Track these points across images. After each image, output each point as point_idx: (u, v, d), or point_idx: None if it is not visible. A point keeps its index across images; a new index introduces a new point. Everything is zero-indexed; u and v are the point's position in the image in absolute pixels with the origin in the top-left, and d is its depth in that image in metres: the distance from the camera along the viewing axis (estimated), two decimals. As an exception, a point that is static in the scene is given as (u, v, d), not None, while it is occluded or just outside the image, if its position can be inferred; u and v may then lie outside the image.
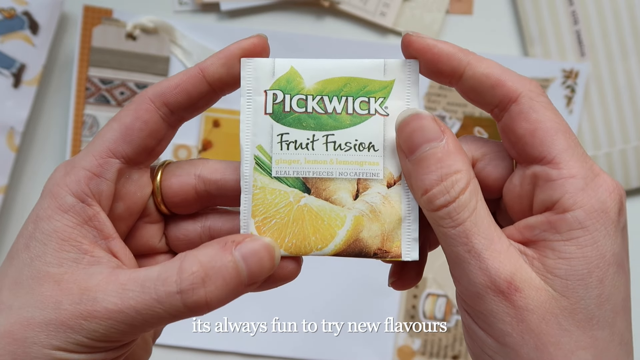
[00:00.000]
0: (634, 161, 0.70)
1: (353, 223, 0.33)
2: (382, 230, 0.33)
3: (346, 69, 0.33)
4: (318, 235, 0.33)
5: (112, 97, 0.69)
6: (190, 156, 0.70)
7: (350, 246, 0.33)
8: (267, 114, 0.33)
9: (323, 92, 0.33)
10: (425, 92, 0.71)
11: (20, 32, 0.67)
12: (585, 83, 0.69)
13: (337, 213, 0.33)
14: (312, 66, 0.33)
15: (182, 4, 0.71)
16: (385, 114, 0.33)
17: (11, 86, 0.67)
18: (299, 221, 0.33)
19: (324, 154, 0.33)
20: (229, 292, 0.31)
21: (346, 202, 0.33)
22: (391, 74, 0.33)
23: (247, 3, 0.70)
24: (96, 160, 0.32)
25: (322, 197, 0.33)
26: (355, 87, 0.33)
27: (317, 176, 0.33)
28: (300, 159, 0.33)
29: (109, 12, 0.68)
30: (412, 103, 0.33)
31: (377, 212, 0.33)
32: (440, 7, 0.70)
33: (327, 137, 0.33)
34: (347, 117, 0.33)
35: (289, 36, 0.70)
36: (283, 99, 0.33)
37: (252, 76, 0.33)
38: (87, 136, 0.68)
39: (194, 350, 0.73)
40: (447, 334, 0.71)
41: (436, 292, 0.71)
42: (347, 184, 0.33)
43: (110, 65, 0.68)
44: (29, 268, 0.31)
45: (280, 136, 0.33)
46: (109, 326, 0.30)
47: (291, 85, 0.33)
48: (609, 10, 0.69)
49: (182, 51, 0.69)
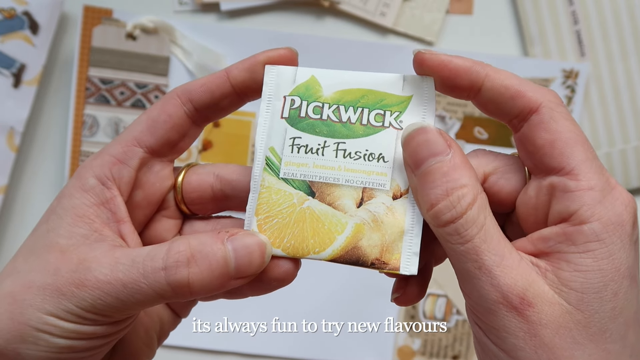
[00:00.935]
0: (634, 161, 0.70)
1: (353, 230, 0.33)
2: (382, 240, 0.33)
3: (365, 81, 0.34)
4: (317, 239, 0.33)
5: (112, 97, 0.69)
6: (191, 156, 0.71)
7: (348, 253, 0.33)
8: (283, 118, 0.34)
9: (340, 102, 0.34)
10: None
11: (20, 32, 0.67)
12: (585, 83, 0.69)
13: (339, 219, 0.33)
14: (332, 76, 0.34)
15: (182, 4, 0.71)
16: (399, 128, 0.33)
17: (11, 86, 0.67)
18: (299, 223, 0.33)
19: (333, 160, 0.33)
20: (213, 279, 0.32)
21: (349, 209, 0.33)
22: (409, 90, 0.34)
23: (247, 3, 0.70)
24: (121, 148, 0.34)
25: (326, 202, 0.33)
26: (372, 99, 0.34)
27: (323, 181, 0.34)
28: (309, 163, 0.34)
29: (109, 12, 0.68)
30: (427, 119, 0.33)
31: (379, 222, 0.33)
32: (440, 7, 0.70)
33: (338, 145, 0.34)
34: (361, 127, 0.33)
35: (289, 36, 0.70)
36: (300, 104, 0.34)
37: (273, 82, 0.34)
38: (87, 136, 0.68)
39: (194, 350, 0.73)
40: (447, 334, 0.71)
41: (436, 292, 0.71)
42: (352, 191, 0.33)
43: (110, 65, 0.68)
44: (43, 238, 0.33)
45: (293, 139, 0.34)
46: (97, 296, 0.31)
47: (309, 93, 0.34)
48: (609, 10, 0.69)
49: (182, 51, 0.69)
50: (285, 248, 0.33)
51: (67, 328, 0.31)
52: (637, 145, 0.70)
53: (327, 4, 0.70)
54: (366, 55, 0.70)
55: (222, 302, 0.74)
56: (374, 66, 0.70)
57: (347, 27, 0.72)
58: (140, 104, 0.69)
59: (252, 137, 0.70)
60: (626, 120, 0.70)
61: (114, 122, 0.69)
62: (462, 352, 0.70)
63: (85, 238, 0.33)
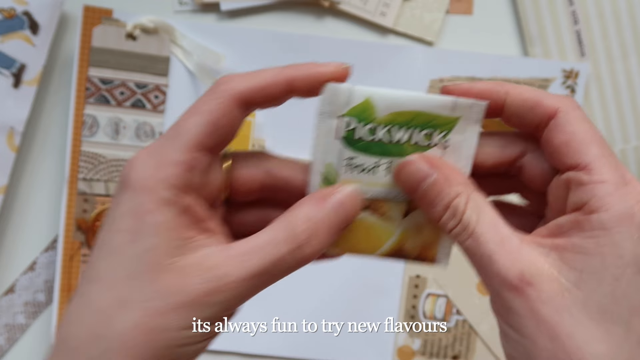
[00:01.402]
0: (634, 161, 0.70)
1: (399, 237, 0.38)
2: (422, 242, 0.38)
3: (417, 103, 0.36)
4: (367, 244, 0.38)
5: (112, 97, 0.69)
6: None
7: (393, 253, 0.38)
8: (339, 138, 0.37)
9: (392, 123, 0.36)
10: (425, 92, 0.70)
11: (20, 32, 0.67)
12: (585, 83, 0.69)
13: (388, 228, 0.38)
14: (387, 98, 0.36)
15: (182, 4, 0.71)
16: (445, 146, 0.37)
17: (11, 86, 0.67)
18: (353, 230, 0.37)
19: (384, 178, 0.37)
20: (331, 239, 0.35)
21: (396, 219, 0.38)
22: (459, 112, 0.36)
23: (247, 3, 0.70)
24: (186, 154, 0.34)
25: (377, 214, 0.38)
26: (423, 120, 0.36)
27: (374, 196, 0.37)
28: (363, 180, 0.37)
29: (109, 12, 0.68)
30: (469, 138, 0.37)
31: (421, 228, 0.38)
32: (440, 7, 0.70)
33: (389, 163, 0.37)
34: (410, 146, 0.37)
35: (289, 36, 0.70)
36: (355, 126, 0.36)
37: (329, 100, 0.36)
38: (87, 136, 0.68)
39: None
40: (447, 334, 0.71)
41: (436, 292, 0.71)
42: (399, 204, 0.37)
43: (110, 65, 0.68)
44: (141, 261, 0.33)
45: (348, 159, 0.37)
46: (231, 296, 0.33)
47: (364, 115, 0.36)
48: (609, 10, 0.69)
49: (182, 51, 0.69)
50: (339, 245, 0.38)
51: (204, 333, 0.33)
52: (637, 145, 0.70)
53: (327, 4, 0.70)
54: (366, 55, 0.70)
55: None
56: (374, 66, 0.70)
57: (347, 27, 0.72)
58: (140, 104, 0.69)
59: (252, 137, 0.70)
60: (626, 120, 0.70)
61: (114, 122, 0.69)
62: (462, 352, 0.70)
63: (186, 248, 0.34)
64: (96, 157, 0.69)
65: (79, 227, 0.70)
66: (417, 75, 0.70)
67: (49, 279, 0.72)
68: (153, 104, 0.70)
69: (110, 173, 0.70)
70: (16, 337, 0.73)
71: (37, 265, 0.73)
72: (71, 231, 0.69)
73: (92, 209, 0.70)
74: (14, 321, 0.72)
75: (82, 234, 0.70)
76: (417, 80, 0.70)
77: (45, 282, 0.72)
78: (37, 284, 0.72)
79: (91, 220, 0.70)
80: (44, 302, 0.72)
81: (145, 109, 0.70)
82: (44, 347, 0.73)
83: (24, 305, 0.72)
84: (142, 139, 0.70)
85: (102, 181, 0.70)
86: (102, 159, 0.69)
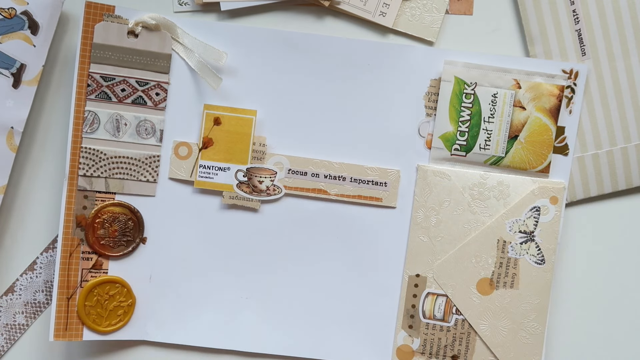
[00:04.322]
0: (636, 159, 0.71)
1: None
2: None
3: None
4: None
5: (114, 93, 0.69)
6: (191, 153, 0.71)
7: None
8: None
9: None
10: (425, 92, 0.71)
11: (20, 32, 0.68)
12: (584, 83, 0.70)
13: None
14: None
15: (183, 4, 0.71)
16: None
17: (11, 86, 0.67)
18: None
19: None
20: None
21: None
22: None
23: (247, 3, 0.70)
24: None
25: None
26: None
27: None
28: None
29: (111, 9, 0.68)
30: None
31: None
32: (440, 7, 0.71)
33: None
34: None
35: (290, 35, 0.70)
36: None
37: None
38: (87, 132, 0.69)
39: (193, 349, 0.73)
40: (447, 334, 0.71)
41: (436, 291, 0.71)
42: None
43: (112, 62, 0.68)
44: None
45: None
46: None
47: None
48: (610, 9, 0.70)
49: (183, 48, 0.69)
50: None
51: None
52: (638, 144, 0.70)
53: (327, 3, 0.70)
54: (366, 55, 0.70)
55: (222, 302, 0.74)
56: (374, 66, 0.71)
57: (347, 26, 0.72)
58: (142, 100, 0.70)
59: (252, 135, 0.70)
60: (627, 119, 0.71)
61: (115, 119, 0.69)
62: (462, 351, 0.71)
63: None
64: (97, 153, 0.69)
65: (78, 223, 0.70)
66: (417, 75, 0.71)
67: (48, 279, 0.72)
68: (154, 101, 0.70)
69: (110, 170, 0.70)
70: (16, 337, 0.73)
71: (37, 265, 0.73)
72: (70, 228, 0.69)
73: (92, 206, 0.70)
74: (14, 321, 0.73)
75: (82, 231, 0.70)
76: (417, 80, 0.71)
77: (45, 282, 0.72)
78: (37, 284, 0.73)
79: (91, 217, 0.70)
80: (44, 302, 0.73)
81: (147, 106, 0.70)
82: (44, 347, 0.73)
83: (23, 305, 0.73)
84: (143, 135, 0.70)
85: (103, 178, 0.70)
86: (103, 155, 0.69)
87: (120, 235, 0.71)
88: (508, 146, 0.70)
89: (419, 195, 0.71)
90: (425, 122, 0.71)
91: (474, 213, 0.71)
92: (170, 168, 0.71)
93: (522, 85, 0.70)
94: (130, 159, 0.70)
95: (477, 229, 0.70)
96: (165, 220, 0.72)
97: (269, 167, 0.71)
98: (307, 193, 0.72)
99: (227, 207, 0.72)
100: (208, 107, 0.71)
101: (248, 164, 0.71)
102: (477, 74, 0.70)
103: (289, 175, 0.72)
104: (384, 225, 0.72)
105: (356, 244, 0.72)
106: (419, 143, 0.72)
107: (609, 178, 0.71)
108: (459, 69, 0.70)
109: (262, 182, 0.71)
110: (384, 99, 0.71)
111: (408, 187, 0.72)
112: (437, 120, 0.71)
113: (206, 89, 0.71)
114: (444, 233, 0.71)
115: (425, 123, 0.71)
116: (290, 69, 0.71)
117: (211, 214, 0.72)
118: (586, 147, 0.71)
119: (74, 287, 0.70)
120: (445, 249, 0.71)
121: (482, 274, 0.70)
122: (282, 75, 0.71)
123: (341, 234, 0.72)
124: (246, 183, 0.71)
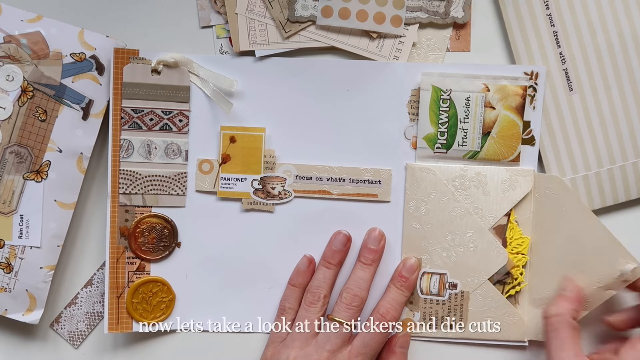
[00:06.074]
0: (634, 177, 0.72)
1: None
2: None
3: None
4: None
5: (144, 123, 0.71)
6: (213, 168, 0.72)
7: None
8: None
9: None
10: (407, 101, 0.72)
11: (89, 72, 0.70)
12: (544, 82, 0.71)
13: None
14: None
15: (224, 52, 0.72)
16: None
17: (81, 118, 0.70)
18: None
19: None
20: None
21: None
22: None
23: (277, 49, 0.71)
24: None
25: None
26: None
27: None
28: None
29: (136, 52, 0.70)
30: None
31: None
32: (441, 47, 0.72)
33: None
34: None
35: (289, 62, 0.72)
36: None
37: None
38: (124, 157, 0.70)
39: (226, 334, 0.74)
40: (442, 306, 0.73)
41: (430, 270, 0.72)
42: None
43: (140, 96, 0.70)
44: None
45: None
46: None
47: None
48: (591, 48, 0.71)
49: (199, 79, 0.71)
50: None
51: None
52: (635, 162, 0.72)
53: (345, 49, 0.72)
54: (357, 73, 0.72)
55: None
56: (364, 82, 0.72)
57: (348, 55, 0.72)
58: (167, 127, 0.71)
59: (263, 149, 0.72)
60: (623, 138, 0.72)
61: (146, 144, 0.71)
62: (456, 320, 0.73)
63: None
64: (133, 174, 0.71)
65: (122, 234, 0.72)
66: (400, 87, 0.71)
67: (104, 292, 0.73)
68: (178, 127, 0.72)
69: (145, 187, 0.72)
70: (77, 344, 0.75)
71: (94, 280, 0.75)
72: (116, 238, 0.72)
73: (133, 219, 0.72)
74: (77, 328, 0.75)
75: (125, 240, 0.72)
76: (400, 91, 0.71)
77: (102, 294, 0.74)
78: (94, 296, 0.75)
79: (132, 227, 0.72)
80: (101, 312, 0.75)
81: (172, 132, 0.72)
82: (102, 353, 0.75)
83: (84, 315, 0.75)
84: (171, 156, 0.72)
85: (140, 194, 0.72)
86: (138, 175, 0.71)
87: (158, 241, 0.72)
88: (482, 141, 0.71)
89: (409, 190, 0.72)
90: (410, 126, 0.72)
91: (458, 201, 0.72)
92: (196, 182, 0.73)
93: (490, 88, 0.71)
94: (162, 177, 0.72)
95: (461, 214, 0.72)
96: (195, 227, 0.73)
97: (279, 175, 0.72)
98: (313, 194, 0.72)
99: (246, 211, 0.73)
100: (224, 128, 0.72)
101: (261, 173, 0.72)
102: (451, 82, 0.71)
103: (297, 180, 0.72)
104: (381, 217, 0.73)
105: (358, 235, 0.73)
106: (406, 145, 0.72)
107: (599, 196, 0.72)
108: (435, 79, 0.71)
109: (274, 188, 0.72)
110: (373, 109, 0.72)
111: (399, 183, 0.72)
112: (419, 124, 0.72)
113: (221, 112, 0.72)
114: (434, 220, 0.72)
115: (410, 127, 0.72)
116: (292, 90, 0.72)
117: (233, 217, 0.73)
118: (577, 170, 0.73)
119: (122, 287, 0.72)
120: (435, 234, 0.72)
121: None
122: (285, 96, 0.72)
123: (345, 227, 0.73)
124: (261, 190, 0.72)
